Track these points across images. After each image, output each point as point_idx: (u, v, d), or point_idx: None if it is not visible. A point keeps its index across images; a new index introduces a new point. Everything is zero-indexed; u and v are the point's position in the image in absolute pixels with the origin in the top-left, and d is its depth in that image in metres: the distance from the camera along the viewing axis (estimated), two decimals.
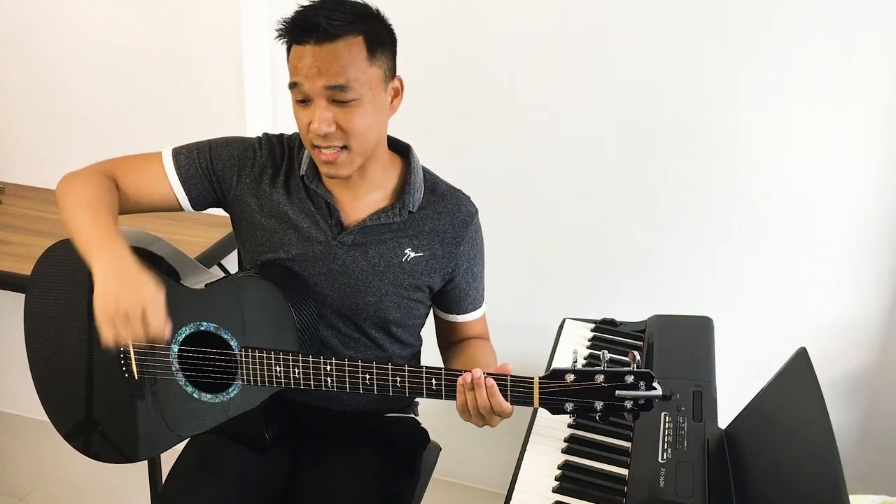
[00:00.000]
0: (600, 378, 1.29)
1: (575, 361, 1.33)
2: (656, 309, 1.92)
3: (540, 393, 1.31)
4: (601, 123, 2.09)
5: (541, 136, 2.14)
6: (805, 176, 2.00)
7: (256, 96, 2.26)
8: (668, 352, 1.67)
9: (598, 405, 1.30)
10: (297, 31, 1.35)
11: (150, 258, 1.56)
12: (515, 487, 1.39)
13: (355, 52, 1.34)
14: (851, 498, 1.50)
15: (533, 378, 1.32)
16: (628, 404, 1.29)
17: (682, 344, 1.71)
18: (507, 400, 1.32)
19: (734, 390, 1.76)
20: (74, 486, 2.53)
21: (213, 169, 1.52)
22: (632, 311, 2.13)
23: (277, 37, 1.40)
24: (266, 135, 1.56)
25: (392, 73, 1.43)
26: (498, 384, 1.31)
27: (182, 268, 1.57)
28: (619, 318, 1.89)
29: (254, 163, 1.52)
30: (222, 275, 1.56)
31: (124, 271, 1.34)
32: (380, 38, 1.38)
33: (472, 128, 2.19)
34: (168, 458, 1.58)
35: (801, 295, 2.10)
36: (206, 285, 1.50)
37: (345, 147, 1.39)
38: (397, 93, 1.45)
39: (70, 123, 2.47)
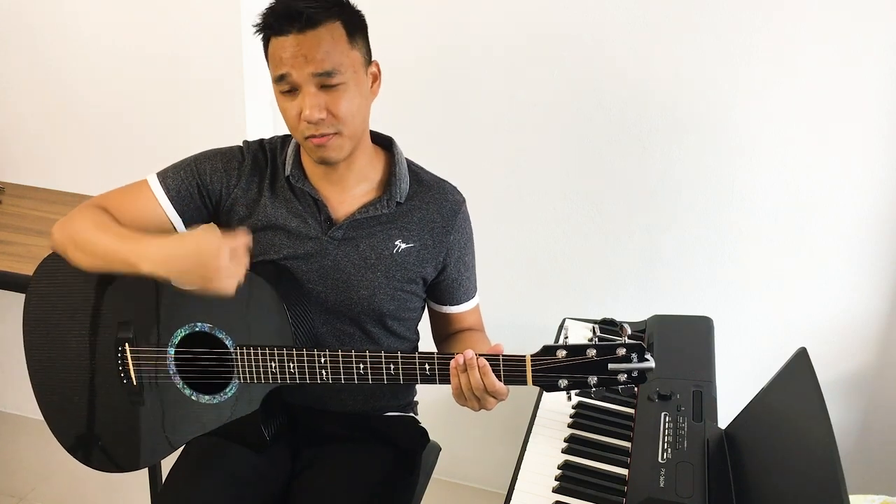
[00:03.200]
0: (592, 352, 1.29)
1: (566, 338, 1.33)
2: (656, 309, 1.92)
3: (532, 370, 1.31)
4: (601, 123, 2.09)
5: (540, 136, 2.14)
6: (805, 176, 2.00)
7: (256, 97, 2.26)
8: (668, 352, 1.67)
9: (592, 380, 1.30)
10: (278, 21, 1.37)
11: None
12: (515, 487, 1.39)
13: (337, 37, 1.38)
14: (851, 498, 1.49)
15: (525, 356, 1.32)
16: (622, 377, 1.29)
17: (682, 344, 1.71)
18: (500, 380, 1.32)
19: (734, 390, 1.76)
20: (75, 485, 2.53)
21: (202, 185, 1.51)
22: (632, 311, 2.13)
23: (256, 31, 1.42)
24: (246, 142, 1.57)
25: (369, 57, 1.47)
26: (490, 364, 1.32)
27: None
28: (619, 318, 1.88)
29: (240, 173, 1.52)
30: None
31: (177, 251, 1.33)
32: (355, 23, 1.42)
33: (472, 128, 2.19)
34: (168, 458, 1.58)
35: (801, 295, 2.10)
36: None
37: (336, 133, 1.40)
38: (376, 77, 1.48)
39: (70, 124, 2.47)
